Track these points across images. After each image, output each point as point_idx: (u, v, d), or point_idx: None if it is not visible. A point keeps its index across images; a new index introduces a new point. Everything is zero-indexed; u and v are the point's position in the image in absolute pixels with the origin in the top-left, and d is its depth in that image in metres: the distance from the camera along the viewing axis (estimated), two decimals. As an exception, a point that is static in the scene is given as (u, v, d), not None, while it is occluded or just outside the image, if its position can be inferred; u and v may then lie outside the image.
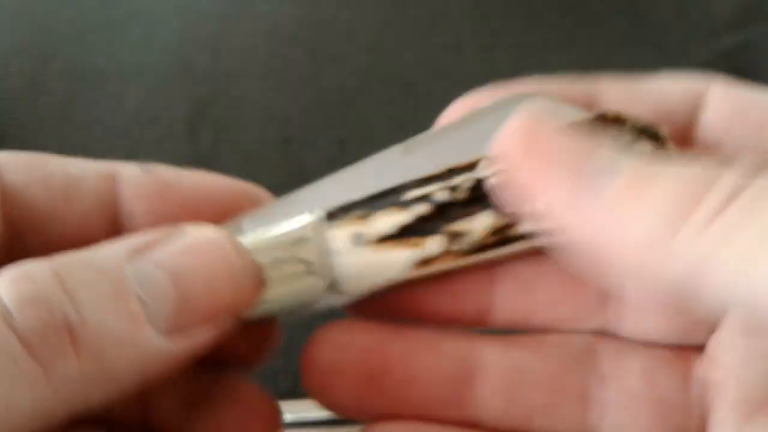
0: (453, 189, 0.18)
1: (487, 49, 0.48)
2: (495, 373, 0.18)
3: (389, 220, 0.18)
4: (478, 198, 0.18)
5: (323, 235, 0.18)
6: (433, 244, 0.18)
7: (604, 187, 0.14)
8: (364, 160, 0.20)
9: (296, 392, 0.36)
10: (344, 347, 0.18)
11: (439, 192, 0.18)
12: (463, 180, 0.18)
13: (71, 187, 0.18)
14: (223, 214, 0.19)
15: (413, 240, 0.18)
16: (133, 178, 0.18)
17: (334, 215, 0.18)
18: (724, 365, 0.18)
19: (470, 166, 0.18)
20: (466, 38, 0.48)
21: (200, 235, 0.16)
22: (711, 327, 0.18)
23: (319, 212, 0.18)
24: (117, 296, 0.14)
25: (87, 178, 0.18)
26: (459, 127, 0.19)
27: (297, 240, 0.18)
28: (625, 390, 0.18)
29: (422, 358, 0.18)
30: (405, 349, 0.18)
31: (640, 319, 0.18)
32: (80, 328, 0.14)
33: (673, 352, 0.18)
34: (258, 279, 0.17)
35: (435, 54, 0.47)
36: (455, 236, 0.18)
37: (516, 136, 0.15)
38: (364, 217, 0.18)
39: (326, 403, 0.19)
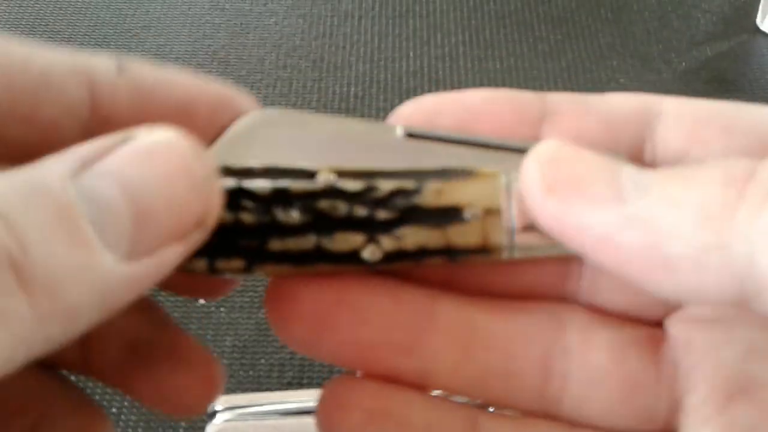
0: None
1: (481, 59, 0.49)
2: (448, 326, 0.17)
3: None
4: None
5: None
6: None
7: (640, 195, 0.14)
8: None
9: (302, 382, 0.37)
10: (304, 282, 0.17)
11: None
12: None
13: (40, 88, 0.15)
14: (207, 118, 0.17)
15: None
16: (109, 78, 0.16)
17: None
18: (697, 348, 0.17)
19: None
20: (461, 49, 0.49)
21: (152, 137, 0.13)
22: (666, 303, 0.18)
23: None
24: (63, 221, 0.12)
25: (57, 76, 0.15)
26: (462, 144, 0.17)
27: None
28: (589, 364, 0.17)
29: (377, 298, 0.17)
30: (360, 287, 0.17)
31: (599, 290, 0.18)
32: (25, 263, 0.11)
33: (645, 330, 0.18)
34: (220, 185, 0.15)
35: (432, 64, 0.49)
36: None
37: (542, 165, 0.15)
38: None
39: (284, 338, 0.17)
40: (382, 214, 0.16)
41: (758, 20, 0.50)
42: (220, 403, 0.33)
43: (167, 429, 0.34)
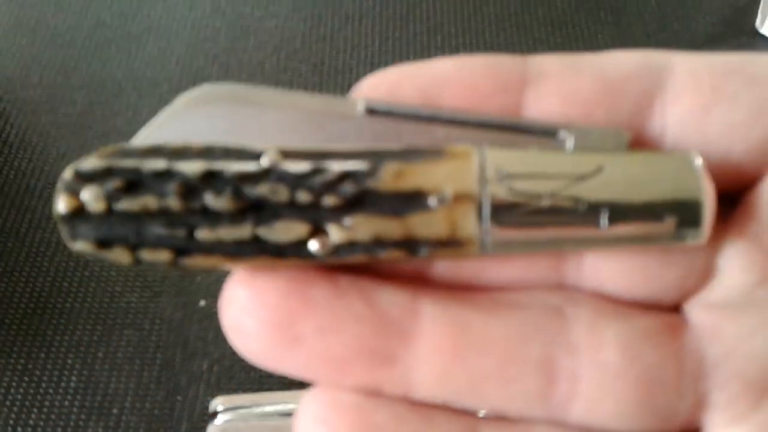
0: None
1: (481, 61, 0.49)
2: (433, 328, 0.15)
3: None
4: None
5: None
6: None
7: None
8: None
9: (303, 382, 0.37)
10: (263, 287, 0.15)
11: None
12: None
13: None
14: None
15: None
16: None
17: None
18: (725, 338, 0.15)
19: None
20: (461, 52, 0.49)
21: None
22: (684, 286, 0.16)
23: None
24: None
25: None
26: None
27: None
28: (601, 362, 0.15)
29: (348, 301, 0.15)
30: (330, 292, 0.15)
31: (604, 274, 0.16)
32: None
33: (661, 318, 0.16)
34: None
35: (432, 66, 0.49)
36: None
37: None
38: None
39: (244, 352, 0.15)
40: (330, 200, 0.14)
41: (757, 23, 0.51)
42: (222, 403, 0.33)
43: (168, 430, 0.34)
